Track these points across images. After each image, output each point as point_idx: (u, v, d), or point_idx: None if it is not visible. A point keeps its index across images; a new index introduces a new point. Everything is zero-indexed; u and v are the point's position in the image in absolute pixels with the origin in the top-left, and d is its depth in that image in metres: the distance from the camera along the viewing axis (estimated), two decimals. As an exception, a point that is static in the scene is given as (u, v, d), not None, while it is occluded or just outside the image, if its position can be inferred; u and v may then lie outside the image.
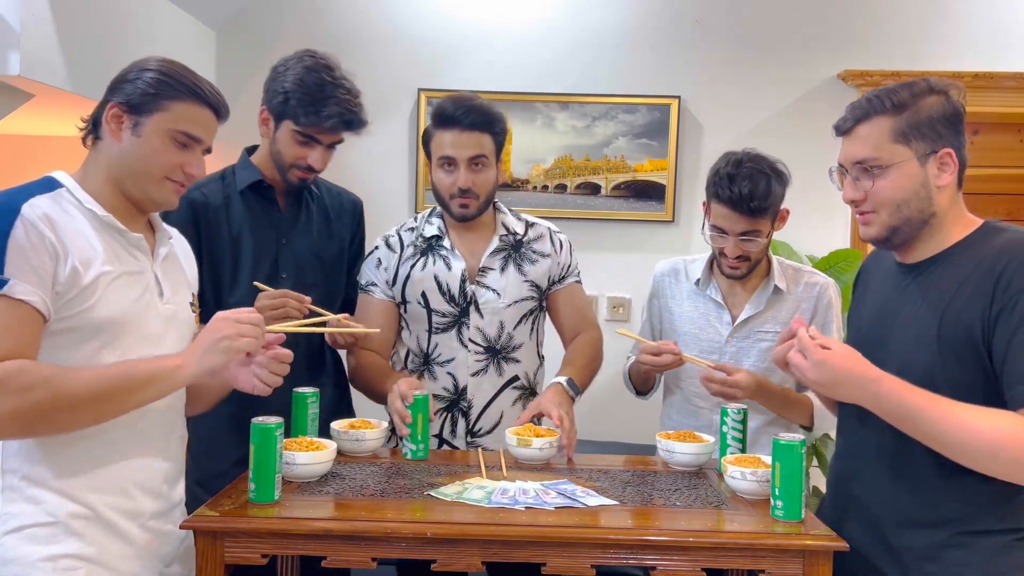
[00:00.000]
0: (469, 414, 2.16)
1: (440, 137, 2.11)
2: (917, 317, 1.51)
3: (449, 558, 1.52)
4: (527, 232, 2.24)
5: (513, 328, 2.17)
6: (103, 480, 1.47)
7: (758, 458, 1.79)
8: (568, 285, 2.26)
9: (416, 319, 2.18)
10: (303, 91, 2.00)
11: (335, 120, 2.01)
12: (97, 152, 1.54)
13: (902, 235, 1.53)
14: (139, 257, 1.55)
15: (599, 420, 3.29)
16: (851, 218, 3.41)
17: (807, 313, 2.12)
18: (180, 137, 1.52)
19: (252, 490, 1.59)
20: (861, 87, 3.33)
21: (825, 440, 3.15)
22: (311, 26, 3.41)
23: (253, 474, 1.59)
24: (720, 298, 2.15)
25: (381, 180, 3.41)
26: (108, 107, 1.51)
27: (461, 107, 2.09)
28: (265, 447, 1.58)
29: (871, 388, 1.43)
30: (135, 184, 1.53)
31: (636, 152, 3.40)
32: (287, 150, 2.05)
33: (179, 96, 1.52)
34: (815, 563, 1.50)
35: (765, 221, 2.02)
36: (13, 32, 2.20)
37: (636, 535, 1.52)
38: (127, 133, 1.51)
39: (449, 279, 2.15)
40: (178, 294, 1.63)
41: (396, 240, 2.22)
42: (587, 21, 3.42)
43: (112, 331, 1.46)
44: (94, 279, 1.44)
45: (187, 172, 1.55)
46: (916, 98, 1.49)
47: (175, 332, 1.58)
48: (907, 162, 1.49)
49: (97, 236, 1.48)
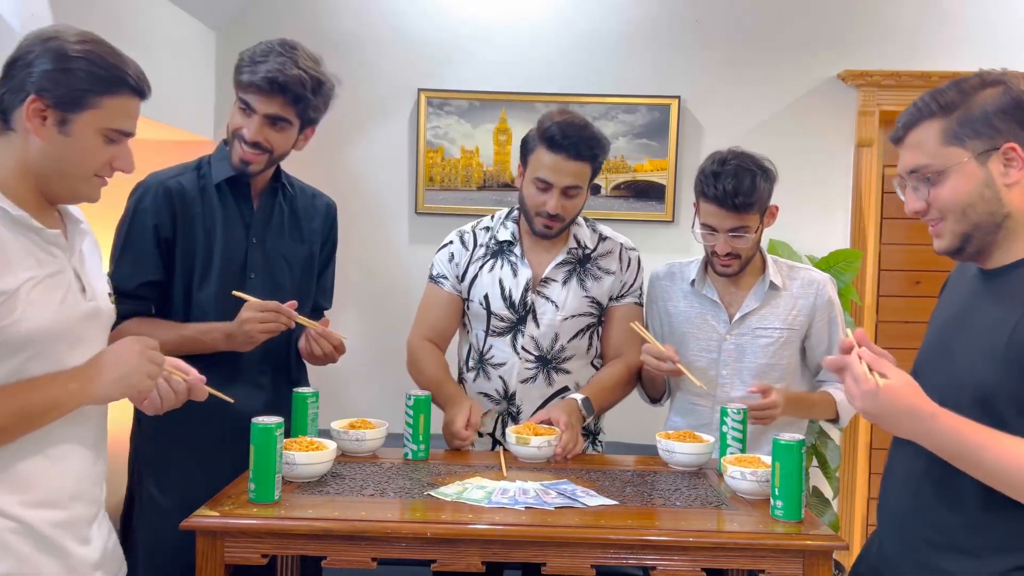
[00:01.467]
0: (519, 419, 2.17)
1: (542, 155, 2.06)
2: (986, 327, 1.38)
3: (449, 558, 1.52)
4: (597, 247, 2.22)
5: (568, 340, 2.17)
6: (36, 495, 1.36)
7: (758, 458, 1.79)
8: (625, 304, 2.23)
9: (477, 318, 2.20)
10: (248, 58, 1.92)
11: (261, 76, 1.87)
12: (8, 144, 1.37)
13: (976, 243, 1.40)
14: (57, 255, 1.40)
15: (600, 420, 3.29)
16: (851, 218, 3.41)
17: (806, 309, 2.12)
18: (113, 135, 1.40)
19: (252, 490, 1.59)
20: (861, 87, 3.33)
21: (825, 440, 3.16)
22: (311, 26, 3.41)
23: (253, 474, 1.59)
24: (716, 297, 2.15)
25: (381, 180, 3.41)
26: (29, 100, 1.34)
27: (573, 136, 2.03)
28: (265, 447, 1.58)
29: (925, 424, 1.31)
30: (61, 183, 1.40)
31: (636, 152, 3.40)
32: (232, 122, 1.95)
33: (111, 90, 1.38)
34: (815, 563, 1.50)
35: (753, 216, 2.03)
36: (13, 32, 2.20)
37: (636, 535, 1.52)
38: (52, 131, 1.35)
39: (513, 286, 2.16)
40: (97, 286, 1.49)
41: (471, 237, 2.23)
42: (587, 21, 3.42)
43: (40, 342, 1.34)
44: (14, 290, 1.31)
45: (116, 167, 1.43)
46: (966, 95, 1.37)
47: (100, 329, 1.48)
48: (964, 164, 1.36)
49: (12, 237, 1.33)
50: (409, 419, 1.96)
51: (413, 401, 1.96)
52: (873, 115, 3.35)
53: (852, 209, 3.41)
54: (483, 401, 2.19)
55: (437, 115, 3.38)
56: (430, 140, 3.38)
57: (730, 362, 2.12)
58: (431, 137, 3.39)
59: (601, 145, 2.10)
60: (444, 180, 3.41)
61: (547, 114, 2.11)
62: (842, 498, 3.44)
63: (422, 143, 3.39)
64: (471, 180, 3.41)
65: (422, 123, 3.38)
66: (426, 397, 1.98)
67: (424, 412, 1.95)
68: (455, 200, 3.39)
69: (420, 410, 1.95)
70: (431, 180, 3.40)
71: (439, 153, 3.40)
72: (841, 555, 3.29)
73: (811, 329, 2.13)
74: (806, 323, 2.12)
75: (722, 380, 2.13)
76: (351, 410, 2.26)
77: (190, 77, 3.22)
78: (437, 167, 3.40)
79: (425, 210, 3.39)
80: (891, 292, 3.54)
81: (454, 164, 3.40)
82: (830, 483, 3.19)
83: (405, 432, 1.97)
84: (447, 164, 3.40)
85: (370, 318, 3.40)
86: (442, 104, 3.38)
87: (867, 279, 3.44)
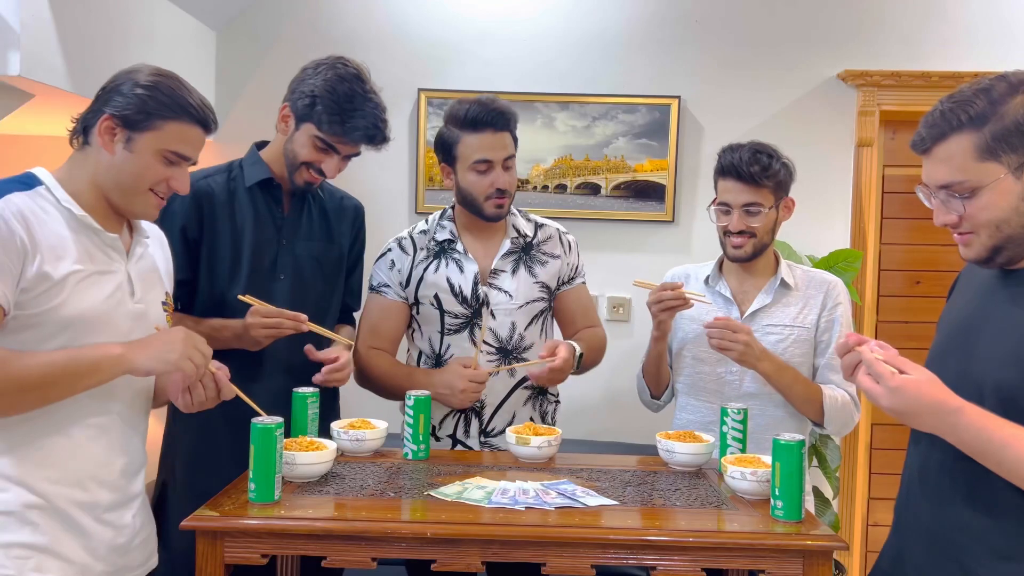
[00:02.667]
0: (482, 414, 2.18)
1: (469, 140, 2.13)
2: (1006, 329, 1.35)
3: (449, 558, 1.52)
4: (536, 234, 2.27)
5: (524, 329, 2.20)
6: (59, 472, 1.49)
7: (758, 458, 1.79)
8: (576, 286, 2.31)
9: (428, 320, 2.20)
10: (332, 99, 1.97)
11: (359, 134, 2.00)
12: (84, 156, 1.57)
13: (1007, 254, 1.36)
14: (113, 256, 1.58)
15: (599, 420, 3.29)
16: (851, 218, 3.41)
17: (815, 309, 2.15)
18: (171, 156, 1.56)
19: (252, 490, 1.59)
20: (861, 87, 3.33)
21: (825, 440, 3.16)
22: (311, 26, 3.41)
23: (253, 474, 1.59)
24: (729, 293, 2.18)
25: (381, 180, 3.41)
26: (102, 119, 1.53)
27: (490, 110, 2.11)
28: (265, 447, 1.58)
29: (950, 419, 1.29)
30: (120, 195, 1.57)
31: (636, 152, 3.40)
32: (303, 152, 2.02)
33: (172, 116, 1.55)
34: (815, 563, 1.50)
35: (766, 192, 2.08)
36: (13, 32, 2.20)
37: (636, 535, 1.52)
38: (119, 147, 1.54)
39: (462, 281, 2.18)
40: (150, 294, 1.65)
41: (409, 242, 2.24)
42: (587, 21, 3.42)
43: (79, 328, 1.49)
44: (63, 277, 1.48)
45: (172, 187, 1.59)
46: (996, 104, 1.30)
47: (143, 332, 1.59)
48: (1000, 179, 1.30)
49: (72, 235, 1.52)
50: (409, 419, 1.96)
51: (413, 401, 1.96)
52: (873, 115, 3.35)
53: (852, 209, 3.41)
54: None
55: (437, 115, 3.38)
56: (430, 140, 3.38)
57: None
58: (431, 137, 3.38)
59: (514, 113, 2.18)
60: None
61: (453, 105, 2.18)
62: (842, 498, 3.44)
63: (422, 143, 3.39)
64: (471, 180, 3.40)
65: (422, 123, 3.38)
66: (426, 397, 1.98)
67: (424, 412, 1.96)
68: (455, 200, 3.38)
69: (420, 410, 1.95)
70: (431, 180, 3.40)
71: (439, 153, 3.39)
72: (841, 555, 3.29)
73: (818, 331, 2.14)
74: (816, 323, 2.13)
75: (730, 376, 2.14)
76: (351, 410, 2.26)
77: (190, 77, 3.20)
78: (437, 167, 3.39)
79: (425, 210, 3.39)
80: (891, 292, 3.54)
81: (454, 164, 3.40)
82: (830, 483, 3.19)
83: (405, 432, 1.97)
84: (447, 164, 3.40)
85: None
86: (442, 104, 3.38)
87: (867, 279, 3.44)
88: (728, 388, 2.14)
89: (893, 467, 3.47)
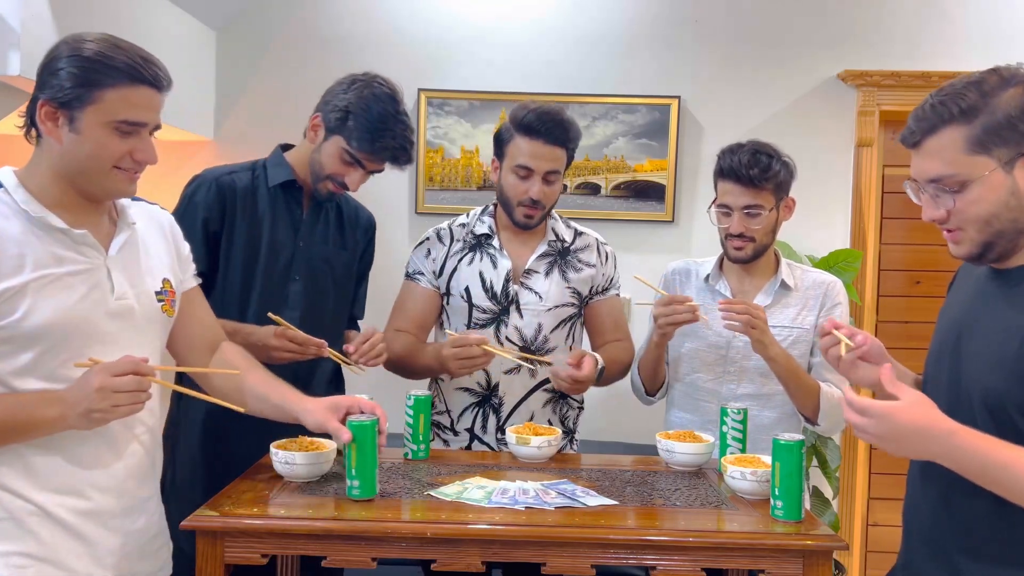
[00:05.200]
0: (500, 411, 2.19)
1: (520, 144, 2.12)
2: (996, 330, 1.33)
3: (449, 558, 1.52)
4: (575, 240, 2.28)
5: (550, 332, 2.20)
6: (51, 482, 1.43)
7: (758, 458, 1.79)
8: (609, 297, 2.31)
9: (457, 312, 2.22)
10: (366, 117, 2.00)
11: (388, 154, 2.03)
12: (41, 150, 1.45)
13: (997, 250, 1.34)
14: (87, 253, 1.46)
15: (599, 420, 3.29)
16: (851, 218, 3.41)
17: (814, 309, 2.15)
18: (123, 127, 1.42)
19: (356, 487, 1.60)
20: (861, 87, 3.33)
21: (825, 440, 3.15)
22: (311, 26, 3.41)
23: (356, 471, 1.60)
24: (729, 293, 2.18)
25: (381, 180, 3.37)
26: (39, 106, 1.41)
27: (548, 121, 2.10)
28: (364, 443, 1.60)
29: (943, 442, 1.24)
30: (85, 180, 1.45)
31: (636, 152, 3.40)
32: (329, 163, 2.05)
33: (110, 83, 1.40)
34: (815, 563, 1.50)
35: (767, 194, 2.07)
36: (13, 32, 2.20)
37: (636, 535, 1.52)
38: (65, 131, 1.41)
39: (494, 277, 2.19)
40: (137, 286, 1.53)
41: (447, 233, 2.26)
42: (587, 21, 3.41)
43: (52, 338, 1.40)
44: (22, 286, 1.37)
45: (136, 159, 1.46)
46: (988, 97, 1.28)
47: (131, 329, 1.50)
48: (991, 173, 1.28)
49: (34, 239, 1.40)
50: (409, 419, 1.96)
51: (413, 401, 1.96)
52: (873, 115, 3.36)
53: (852, 209, 3.41)
54: (464, 396, 2.21)
55: (437, 115, 3.38)
56: (430, 140, 3.38)
57: (738, 359, 2.14)
58: (431, 137, 3.39)
59: (576, 131, 2.16)
60: (444, 180, 3.41)
61: (520, 105, 2.16)
62: (842, 498, 3.44)
63: (422, 143, 3.38)
64: (471, 180, 3.41)
65: (422, 123, 3.38)
66: (426, 397, 1.97)
67: (424, 412, 1.95)
68: (455, 200, 3.39)
69: (420, 410, 1.95)
70: (431, 180, 3.40)
71: (439, 153, 3.40)
72: (841, 555, 3.29)
73: (816, 331, 2.14)
74: (814, 324, 2.13)
75: (729, 376, 2.14)
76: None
77: (190, 77, 3.22)
78: (437, 167, 3.40)
79: (425, 210, 3.39)
80: (891, 292, 3.54)
81: (454, 164, 3.40)
82: (830, 483, 3.19)
83: (405, 432, 1.97)
84: (447, 164, 3.40)
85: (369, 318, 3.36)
86: (442, 104, 3.38)
87: (867, 279, 3.44)
88: (726, 388, 2.15)
89: (893, 467, 3.47)
